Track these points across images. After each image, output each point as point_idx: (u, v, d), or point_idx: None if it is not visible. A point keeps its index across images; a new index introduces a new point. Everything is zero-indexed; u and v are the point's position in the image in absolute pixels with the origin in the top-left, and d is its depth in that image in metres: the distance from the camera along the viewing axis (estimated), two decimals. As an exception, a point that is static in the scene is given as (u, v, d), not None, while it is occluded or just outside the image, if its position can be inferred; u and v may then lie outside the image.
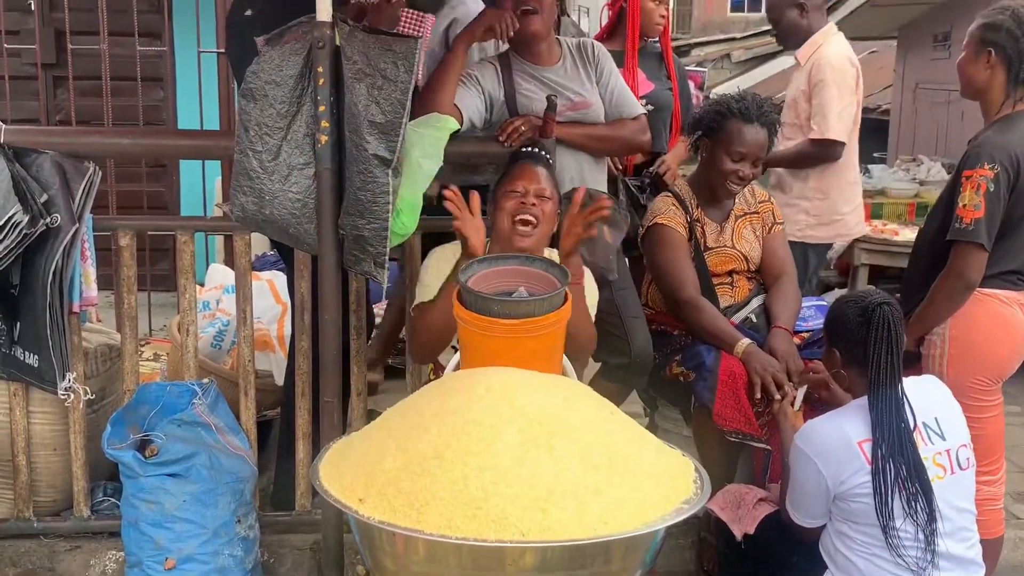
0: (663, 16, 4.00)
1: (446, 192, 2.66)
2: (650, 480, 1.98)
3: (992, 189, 2.88)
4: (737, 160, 3.34)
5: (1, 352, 3.05)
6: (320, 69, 2.68)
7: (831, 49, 4.20)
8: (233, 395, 3.23)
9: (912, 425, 2.53)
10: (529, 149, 2.98)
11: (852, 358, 2.65)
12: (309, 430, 3.20)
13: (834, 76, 4.10)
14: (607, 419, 2.09)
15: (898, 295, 3.47)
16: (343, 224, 2.78)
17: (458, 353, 2.46)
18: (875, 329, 2.56)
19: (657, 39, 4.09)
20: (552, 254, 2.88)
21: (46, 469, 3.24)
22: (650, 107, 3.84)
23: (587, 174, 3.35)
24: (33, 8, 4.95)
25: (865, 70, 4.56)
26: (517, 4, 3.19)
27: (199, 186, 5.37)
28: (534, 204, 2.79)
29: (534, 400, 2.00)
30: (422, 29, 4.64)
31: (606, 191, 3.48)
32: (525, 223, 2.77)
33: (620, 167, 3.94)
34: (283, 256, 3.74)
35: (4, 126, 2.98)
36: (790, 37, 4.33)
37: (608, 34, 4.11)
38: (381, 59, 2.65)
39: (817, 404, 3.08)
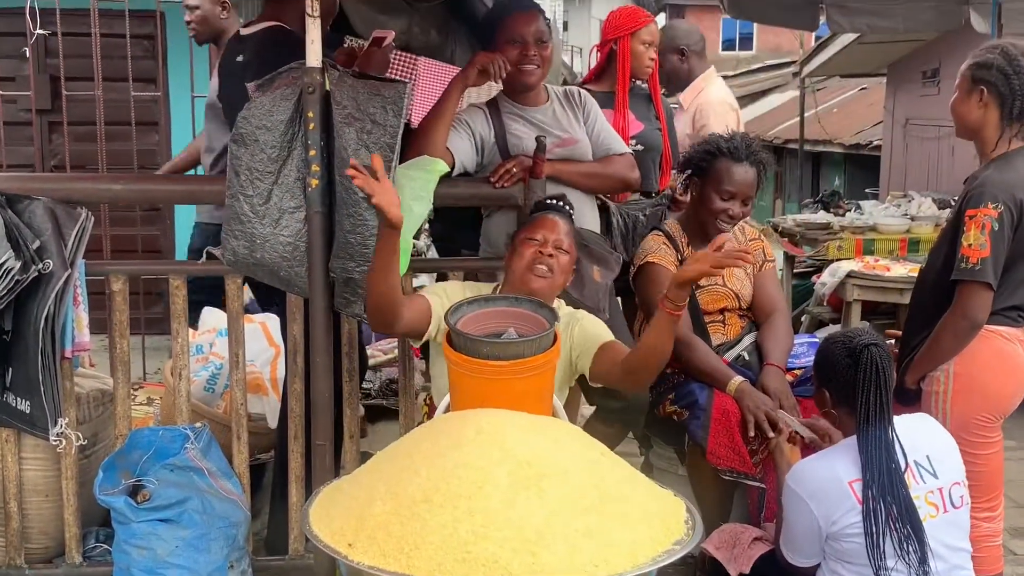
0: (652, 59, 4.04)
1: (349, 171, 2.56)
2: (641, 522, 1.97)
3: (997, 228, 2.88)
4: (727, 199, 3.36)
5: (-8, 398, 3.05)
6: (310, 114, 2.71)
7: (712, 94, 4.44)
8: (227, 439, 3.22)
9: (903, 464, 2.53)
10: (553, 201, 3.02)
11: (841, 398, 2.65)
12: (302, 473, 3.19)
13: (717, 120, 4.29)
14: (598, 460, 2.09)
15: (891, 332, 3.49)
16: (334, 267, 2.79)
17: (448, 395, 2.46)
18: (863, 370, 2.57)
19: (645, 81, 4.13)
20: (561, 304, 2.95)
21: (38, 516, 3.22)
22: (639, 147, 3.87)
23: (578, 210, 3.37)
24: (28, 55, 4.98)
25: (855, 107, 4.66)
26: (521, 58, 3.26)
27: (191, 230, 5.38)
28: (551, 255, 2.84)
29: (524, 442, 2.00)
30: (414, 72, 4.69)
31: (597, 228, 3.51)
32: (539, 274, 2.81)
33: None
34: (261, 300, 3.75)
35: (-3, 173, 3.00)
36: (672, 81, 4.55)
37: (597, 76, 4.15)
38: (370, 103, 2.67)
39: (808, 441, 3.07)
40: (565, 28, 29.15)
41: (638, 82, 4.13)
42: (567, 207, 3.02)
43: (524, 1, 3.50)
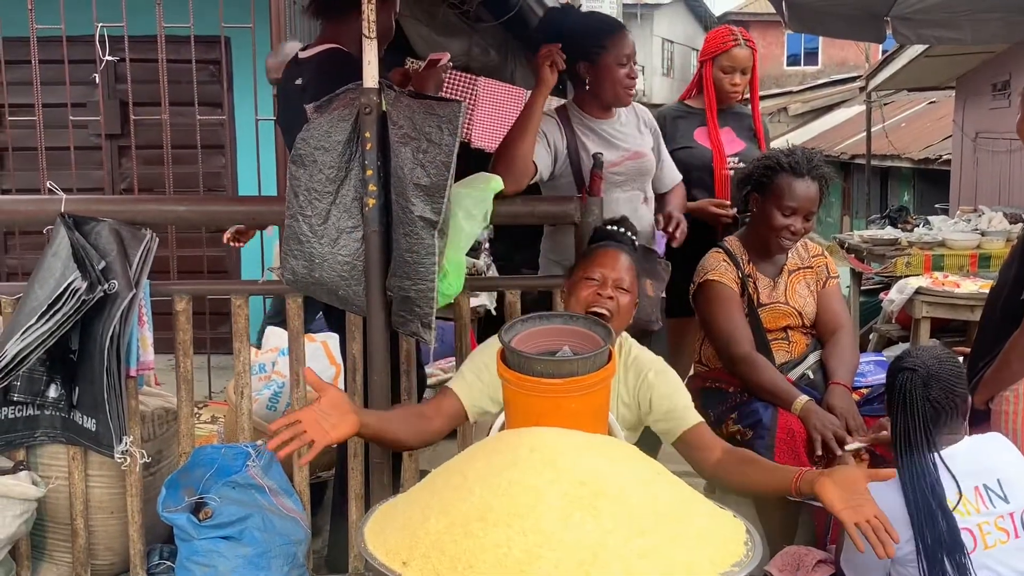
0: (735, 85, 4.04)
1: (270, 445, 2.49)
2: (699, 543, 1.93)
3: None
4: (788, 215, 3.32)
5: (60, 416, 3.11)
6: (367, 134, 2.73)
7: None
8: (288, 456, 3.24)
9: (956, 492, 2.45)
10: (614, 228, 2.88)
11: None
12: (362, 491, 3.20)
13: None
14: (654, 480, 2.06)
15: (959, 350, 3.39)
16: (390, 286, 2.80)
17: (503, 413, 2.45)
18: (896, 395, 2.51)
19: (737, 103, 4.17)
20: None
21: (104, 532, 3.28)
22: (742, 164, 3.88)
23: (641, 214, 3.47)
24: (98, 81, 5.11)
25: (923, 120, 4.58)
26: (629, 76, 3.42)
27: (258, 250, 5.47)
28: (610, 297, 2.68)
29: (579, 461, 1.98)
30: (474, 92, 4.73)
31: (649, 230, 3.57)
32: (599, 315, 2.63)
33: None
34: (328, 320, 3.79)
35: (65, 196, 3.08)
36: None
37: (696, 90, 4.18)
38: (426, 123, 2.69)
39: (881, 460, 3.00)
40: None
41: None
42: (629, 233, 2.87)
43: (611, 19, 3.65)
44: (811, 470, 2.43)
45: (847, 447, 3.02)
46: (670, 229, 3.48)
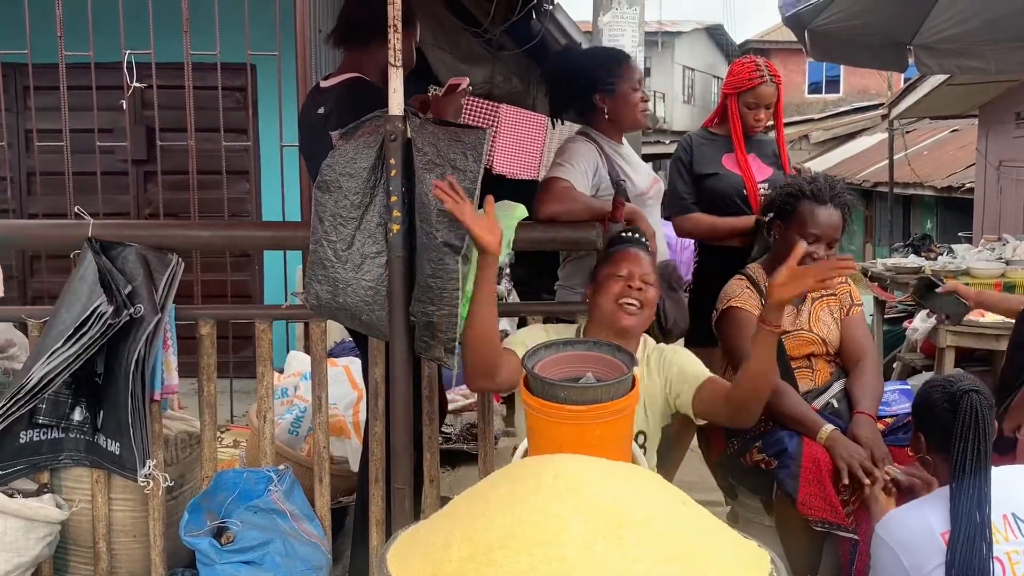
0: (758, 120, 4.06)
1: (436, 184, 2.64)
2: (724, 573, 1.91)
3: None
4: (811, 242, 3.30)
5: (84, 439, 3.13)
6: (392, 161, 2.74)
7: None
8: (309, 481, 3.25)
9: (988, 516, 2.42)
10: (630, 234, 3.03)
11: (938, 444, 2.56)
12: (383, 517, 3.19)
13: None
14: (679, 509, 2.04)
15: (983, 371, 3.36)
16: (414, 311, 2.81)
17: (526, 439, 2.44)
18: (961, 417, 2.48)
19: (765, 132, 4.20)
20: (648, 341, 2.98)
21: (126, 555, 3.28)
22: (771, 190, 3.90)
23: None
24: (125, 107, 5.18)
25: (946, 149, 4.57)
26: (642, 101, 3.60)
27: (281, 275, 5.50)
28: (640, 288, 2.84)
29: (603, 489, 1.97)
30: (496, 119, 4.77)
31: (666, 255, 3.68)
32: (630, 307, 2.82)
33: None
34: (358, 343, 3.80)
35: (92, 220, 3.11)
36: None
37: (720, 118, 4.20)
38: (451, 150, 2.70)
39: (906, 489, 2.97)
40: (648, 74, 29.24)
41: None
42: (643, 238, 3.02)
43: (615, 50, 3.88)
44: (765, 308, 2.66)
45: (890, 474, 2.98)
46: None
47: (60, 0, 4.54)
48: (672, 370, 2.92)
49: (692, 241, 4.69)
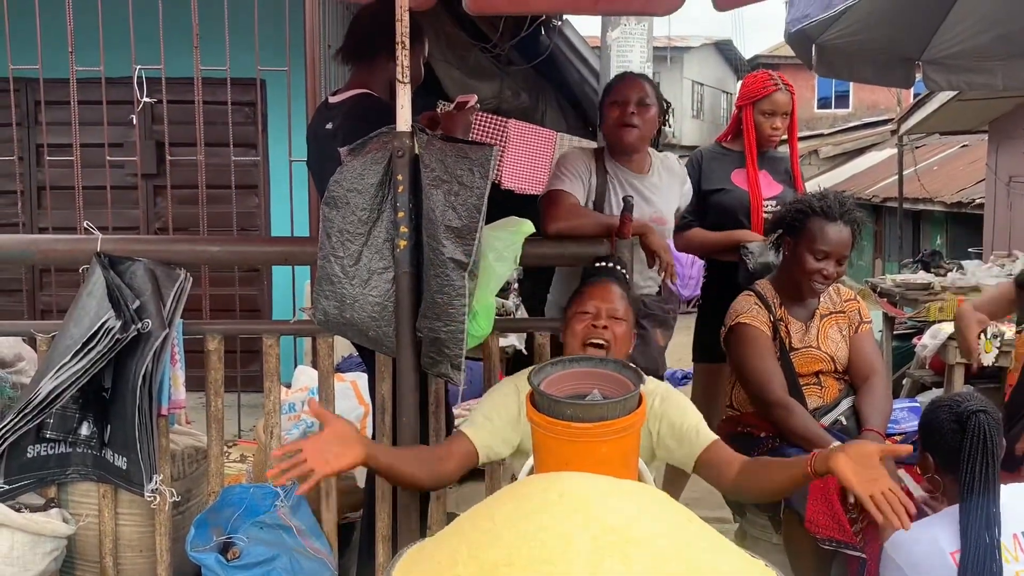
0: (775, 128, 4.07)
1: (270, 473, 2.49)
2: (730, 591, 1.90)
3: None
4: (821, 259, 3.30)
5: (91, 454, 3.13)
6: (400, 177, 2.75)
7: None
8: (316, 497, 3.25)
9: (998, 537, 2.40)
10: (604, 264, 2.95)
11: (946, 465, 2.55)
12: (389, 533, 3.19)
13: None
14: (685, 526, 2.03)
15: (992, 388, 3.35)
16: (421, 327, 2.81)
17: (532, 457, 2.43)
18: (970, 437, 2.47)
19: (776, 146, 4.19)
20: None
21: (132, 570, 3.28)
22: (779, 208, 3.89)
23: (645, 272, 3.55)
24: (135, 122, 5.21)
25: (956, 164, 4.56)
26: (621, 118, 3.53)
27: (290, 290, 5.51)
28: (605, 327, 2.70)
29: (609, 507, 1.96)
30: (504, 134, 4.79)
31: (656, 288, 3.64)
32: (596, 347, 2.68)
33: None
34: (364, 358, 3.80)
35: (101, 235, 3.11)
36: None
37: (733, 134, 4.20)
38: (458, 166, 2.71)
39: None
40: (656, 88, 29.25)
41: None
42: (619, 268, 2.93)
43: (620, 74, 3.82)
44: (824, 450, 2.45)
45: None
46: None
47: (71, 15, 4.57)
48: (661, 424, 2.72)
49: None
